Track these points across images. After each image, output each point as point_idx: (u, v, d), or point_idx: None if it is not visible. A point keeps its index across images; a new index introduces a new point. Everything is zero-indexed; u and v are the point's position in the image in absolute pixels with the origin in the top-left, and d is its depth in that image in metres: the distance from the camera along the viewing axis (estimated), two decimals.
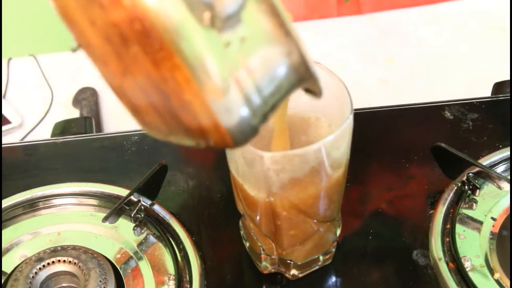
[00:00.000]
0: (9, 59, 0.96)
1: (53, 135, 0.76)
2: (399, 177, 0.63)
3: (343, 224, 0.56)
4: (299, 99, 0.44)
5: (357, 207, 0.61)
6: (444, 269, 0.53)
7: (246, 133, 0.34)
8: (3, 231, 0.60)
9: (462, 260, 0.53)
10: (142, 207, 0.59)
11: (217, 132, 0.33)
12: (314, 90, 0.37)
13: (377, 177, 0.63)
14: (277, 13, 0.32)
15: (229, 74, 0.31)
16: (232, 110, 0.32)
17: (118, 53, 0.31)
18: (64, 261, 0.53)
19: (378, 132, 0.68)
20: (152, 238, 0.58)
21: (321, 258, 0.55)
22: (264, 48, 0.32)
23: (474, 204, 0.58)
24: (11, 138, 0.86)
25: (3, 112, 0.87)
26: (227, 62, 0.31)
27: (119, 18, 0.29)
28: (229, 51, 0.31)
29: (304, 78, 0.35)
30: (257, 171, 0.44)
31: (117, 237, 0.58)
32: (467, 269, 0.53)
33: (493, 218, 0.57)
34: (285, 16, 0.32)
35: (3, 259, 0.57)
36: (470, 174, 0.58)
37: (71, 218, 0.61)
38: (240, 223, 0.57)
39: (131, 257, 0.57)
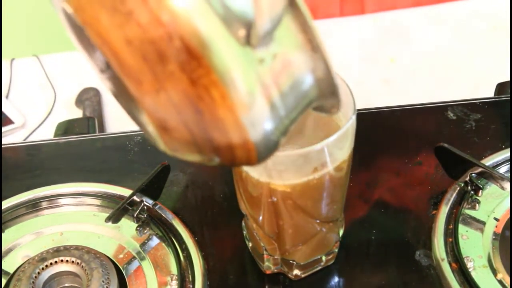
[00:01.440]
0: (12, 59, 0.96)
1: (56, 135, 0.76)
2: (401, 177, 0.63)
3: (346, 225, 0.56)
4: None
5: (359, 207, 0.61)
6: (447, 269, 0.53)
7: (270, 148, 0.35)
8: (6, 231, 0.60)
9: (465, 261, 0.53)
10: (145, 207, 0.59)
11: (245, 148, 0.33)
12: (328, 107, 0.38)
13: (379, 177, 0.63)
14: (307, 29, 0.33)
15: (261, 90, 0.32)
16: (261, 126, 0.33)
17: (154, 71, 0.31)
18: (67, 261, 0.53)
19: (381, 132, 0.68)
20: (154, 238, 0.58)
21: (323, 258, 0.55)
22: (292, 63, 0.33)
23: (477, 204, 0.58)
24: (14, 138, 0.86)
25: (6, 112, 0.88)
26: (260, 78, 0.32)
27: (158, 36, 0.29)
28: (262, 68, 0.32)
29: (326, 93, 0.36)
30: (260, 172, 0.44)
31: (120, 237, 0.58)
32: (470, 270, 0.53)
33: (496, 219, 0.57)
34: (315, 31, 0.33)
35: (6, 259, 0.57)
36: (473, 174, 0.58)
37: (74, 218, 0.61)
38: (243, 223, 0.57)
39: (133, 257, 0.57)
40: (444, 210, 0.58)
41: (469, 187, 0.58)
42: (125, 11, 0.29)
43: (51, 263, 0.53)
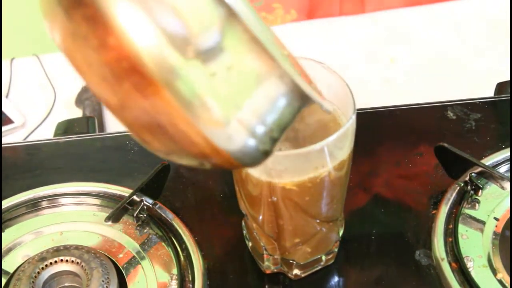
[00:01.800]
0: (12, 59, 0.96)
1: (55, 134, 0.76)
2: (401, 177, 0.63)
3: (346, 224, 0.56)
4: None
5: (359, 207, 0.60)
6: (446, 269, 0.53)
7: (255, 157, 0.35)
8: (6, 231, 0.60)
9: (465, 260, 0.53)
10: (145, 207, 0.59)
11: (221, 157, 0.34)
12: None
13: (379, 176, 0.63)
14: (258, 41, 0.33)
15: (218, 102, 0.32)
16: (232, 137, 0.33)
17: (114, 91, 0.32)
18: (67, 260, 0.53)
19: (381, 131, 0.68)
20: (154, 238, 0.58)
21: (323, 258, 0.55)
22: (251, 75, 0.33)
23: (477, 204, 0.58)
24: (13, 137, 0.86)
25: (6, 111, 0.88)
26: (215, 91, 0.32)
27: (109, 58, 0.31)
28: (216, 81, 0.32)
29: (303, 100, 0.35)
30: (260, 171, 0.44)
31: (120, 237, 0.58)
32: (469, 269, 0.53)
33: (495, 218, 0.57)
34: (267, 42, 0.33)
35: (6, 259, 0.57)
36: (473, 174, 0.58)
37: (74, 218, 0.61)
38: (243, 223, 0.57)
39: (133, 256, 0.57)
40: (444, 210, 0.58)
41: (469, 187, 0.58)
42: (81, 36, 0.31)
43: (51, 263, 0.53)
